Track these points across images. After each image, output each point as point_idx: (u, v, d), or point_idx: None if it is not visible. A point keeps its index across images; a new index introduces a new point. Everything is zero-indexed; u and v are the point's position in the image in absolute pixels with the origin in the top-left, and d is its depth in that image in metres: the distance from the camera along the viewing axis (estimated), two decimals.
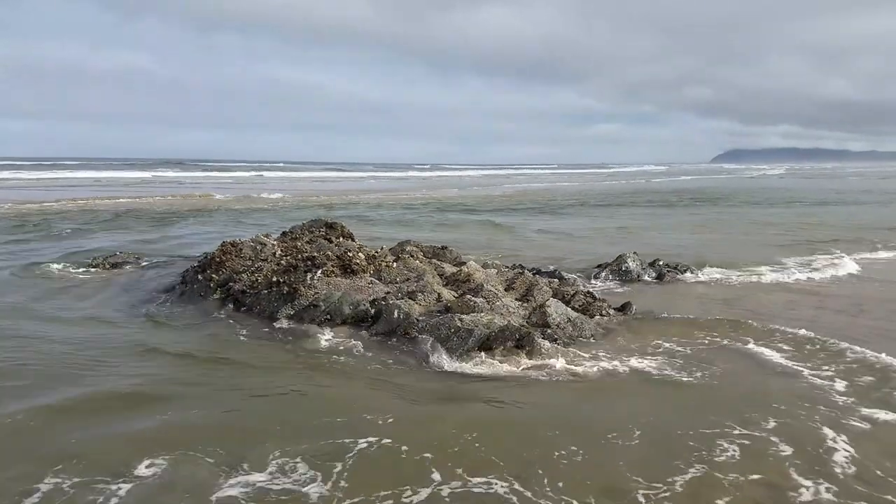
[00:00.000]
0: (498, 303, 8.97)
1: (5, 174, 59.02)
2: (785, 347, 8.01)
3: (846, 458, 5.16)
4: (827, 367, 7.28)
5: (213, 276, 10.31)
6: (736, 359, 7.66)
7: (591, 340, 8.40)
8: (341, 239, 11.65)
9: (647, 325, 9.07)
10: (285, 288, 9.31)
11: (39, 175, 60.22)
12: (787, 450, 5.27)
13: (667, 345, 8.14)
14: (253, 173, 76.75)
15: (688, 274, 12.76)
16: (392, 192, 46.19)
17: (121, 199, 33.50)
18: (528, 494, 4.60)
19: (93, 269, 12.87)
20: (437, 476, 4.82)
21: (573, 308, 9.42)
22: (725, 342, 8.30)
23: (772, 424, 5.75)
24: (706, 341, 8.32)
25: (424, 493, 4.62)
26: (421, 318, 8.51)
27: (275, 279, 9.55)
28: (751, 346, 8.09)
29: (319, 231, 12.30)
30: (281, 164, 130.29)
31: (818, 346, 7.97)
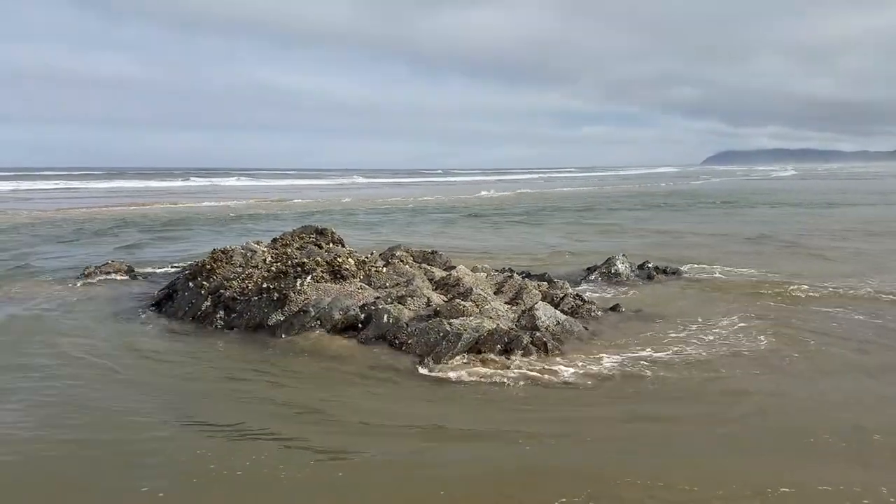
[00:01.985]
0: (487, 306, 9.03)
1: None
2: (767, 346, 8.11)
3: None
4: None
5: (205, 283, 10.34)
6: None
7: (580, 341, 8.46)
8: (331, 245, 11.70)
9: (634, 325, 9.16)
10: (275, 294, 9.35)
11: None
12: None
13: (652, 344, 8.24)
14: (246, 181, 76.39)
15: (675, 275, 12.91)
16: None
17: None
18: None
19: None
20: None
21: (562, 311, 9.49)
22: (710, 338, 8.46)
23: None
24: (690, 338, 8.44)
25: None
26: (410, 322, 8.55)
27: (265, 285, 9.59)
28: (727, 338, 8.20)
29: (310, 237, 12.34)
30: (293, 172, 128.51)
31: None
